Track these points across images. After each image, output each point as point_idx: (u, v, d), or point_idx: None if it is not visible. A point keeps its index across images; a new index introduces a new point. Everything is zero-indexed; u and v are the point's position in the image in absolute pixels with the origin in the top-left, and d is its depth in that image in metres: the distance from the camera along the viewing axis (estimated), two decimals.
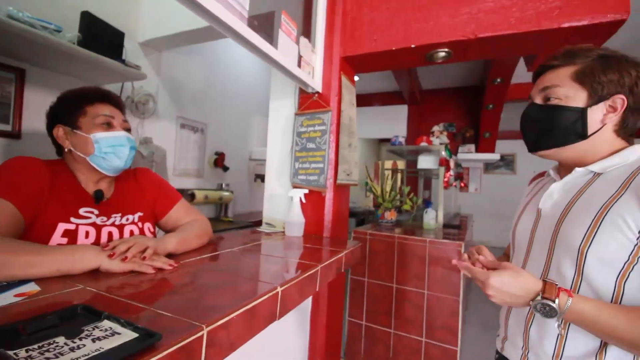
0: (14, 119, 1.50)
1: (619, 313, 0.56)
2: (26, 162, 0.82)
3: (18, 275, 0.62)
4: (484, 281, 0.65)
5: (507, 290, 0.62)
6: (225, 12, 0.83)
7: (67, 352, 0.39)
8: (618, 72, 0.68)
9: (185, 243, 0.93)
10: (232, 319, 0.54)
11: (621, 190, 0.62)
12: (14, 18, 1.24)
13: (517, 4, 1.16)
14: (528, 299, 0.61)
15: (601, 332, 0.57)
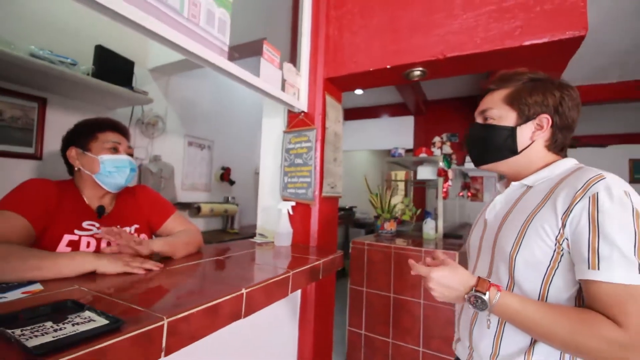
0: (37, 143, 1.69)
1: (540, 308, 0.62)
2: (37, 183, 0.97)
3: (26, 277, 0.75)
4: (426, 275, 0.72)
5: (445, 283, 0.69)
6: (204, 50, 0.96)
7: (51, 331, 0.50)
8: (542, 94, 0.75)
9: (171, 246, 1.04)
10: (192, 313, 0.64)
11: (543, 201, 0.69)
12: (35, 56, 1.43)
13: (482, 24, 1.24)
14: (463, 292, 0.68)
15: (526, 326, 0.63)
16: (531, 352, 0.67)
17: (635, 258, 0.55)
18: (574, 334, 0.57)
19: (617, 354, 0.54)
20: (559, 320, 0.59)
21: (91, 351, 0.48)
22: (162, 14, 0.84)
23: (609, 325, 0.55)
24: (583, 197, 0.61)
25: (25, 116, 1.66)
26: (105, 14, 0.73)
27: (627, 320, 0.54)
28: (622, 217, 0.57)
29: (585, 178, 0.64)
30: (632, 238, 0.56)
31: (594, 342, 0.55)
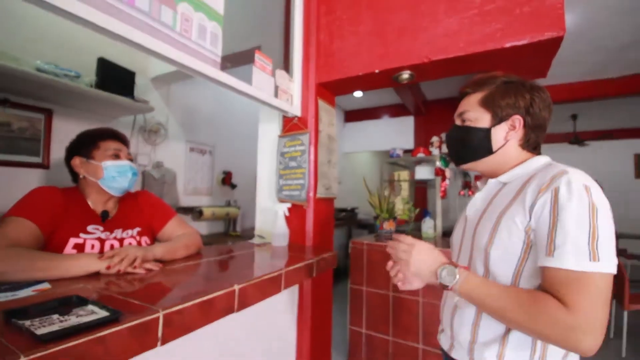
0: (44, 152, 1.77)
1: (498, 286, 0.68)
2: (45, 191, 1.04)
3: (36, 276, 0.81)
4: (413, 244, 0.79)
5: (425, 255, 0.77)
6: (197, 62, 1.02)
7: (57, 322, 0.56)
8: (514, 96, 0.80)
9: (171, 251, 1.10)
10: (187, 307, 0.70)
11: (515, 196, 0.73)
12: (41, 70, 1.50)
13: (465, 28, 1.29)
14: (435, 267, 0.74)
15: (483, 302, 0.68)
16: (506, 339, 0.72)
17: (587, 248, 0.59)
18: (524, 311, 0.62)
19: (563, 333, 0.58)
20: (512, 298, 0.64)
21: (92, 339, 0.54)
22: (156, 32, 0.91)
23: (556, 305, 0.59)
24: (547, 191, 0.66)
25: (32, 127, 1.74)
26: (105, 35, 0.79)
27: (573, 301, 0.58)
28: (578, 210, 0.61)
29: (550, 174, 0.68)
30: (587, 229, 0.60)
31: (542, 319, 0.59)
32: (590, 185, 0.64)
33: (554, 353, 0.69)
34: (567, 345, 0.58)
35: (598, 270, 0.58)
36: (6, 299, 0.69)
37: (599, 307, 0.58)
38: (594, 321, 0.57)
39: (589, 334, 0.56)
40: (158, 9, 0.92)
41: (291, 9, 1.61)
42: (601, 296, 0.58)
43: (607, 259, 0.59)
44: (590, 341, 0.56)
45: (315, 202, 1.56)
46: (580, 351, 0.58)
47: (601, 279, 0.58)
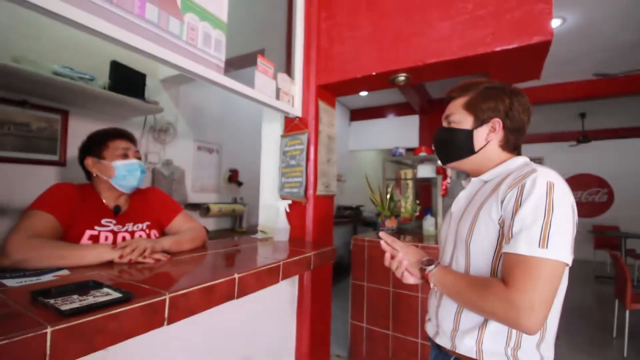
0: (60, 151, 1.88)
1: (458, 274, 0.79)
2: (63, 187, 1.13)
3: (56, 264, 0.90)
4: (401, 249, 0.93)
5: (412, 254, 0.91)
6: (202, 68, 1.10)
7: (77, 301, 0.64)
8: (494, 100, 0.86)
9: (178, 243, 1.18)
10: (191, 291, 0.78)
11: (492, 192, 0.80)
12: (57, 73, 1.60)
13: (457, 33, 1.34)
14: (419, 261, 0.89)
15: (447, 287, 0.80)
16: (484, 327, 0.78)
17: (538, 236, 0.65)
18: (476, 292, 0.71)
19: (504, 310, 0.65)
20: (469, 282, 0.75)
21: (108, 315, 0.62)
22: (164, 41, 0.98)
23: (501, 285, 0.67)
24: (515, 187, 0.72)
25: (50, 127, 1.85)
26: (118, 45, 0.87)
27: (515, 282, 0.65)
28: (536, 203, 0.68)
29: (522, 172, 0.75)
30: (541, 221, 0.66)
31: (489, 298, 0.68)
32: (554, 182, 0.70)
33: (529, 340, 0.75)
34: (509, 321, 0.65)
35: (545, 256, 0.64)
36: (31, 282, 0.78)
37: (539, 289, 0.64)
38: (531, 301, 0.63)
39: (527, 312, 0.62)
40: (166, 19, 1.00)
41: (293, 15, 1.68)
42: (544, 280, 0.64)
43: (556, 247, 0.65)
44: (529, 319, 0.62)
45: (315, 199, 1.63)
46: (520, 328, 0.65)
47: (547, 265, 0.65)
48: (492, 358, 0.75)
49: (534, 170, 0.73)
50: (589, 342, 2.88)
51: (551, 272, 0.65)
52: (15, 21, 1.67)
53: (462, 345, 0.80)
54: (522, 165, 0.82)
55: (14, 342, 0.49)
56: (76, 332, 0.57)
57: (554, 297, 0.66)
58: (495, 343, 0.76)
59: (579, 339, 2.95)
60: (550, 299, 0.65)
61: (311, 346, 1.62)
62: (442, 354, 0.87)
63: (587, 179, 6.99)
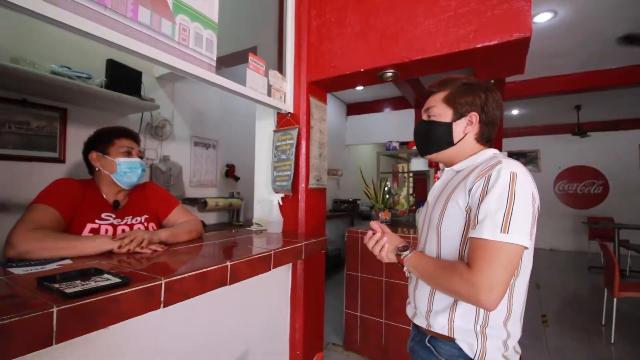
0: (60, 148, 1.93)
1: (429, 258, 0.86)
2: (65, 182, 1.19)
3: (60, 254, 0.96)
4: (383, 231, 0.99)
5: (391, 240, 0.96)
6: (194, 67, 1.15)
7: (80, 285, 0.70)
8: (472, 95, 0.91)
9: (174, 235, 1.24)
10: (185, 277, 0.84)
11: (461, 181, 0.86)
12: (56, 73, 1.65)
13: (441, 30, 1.39)
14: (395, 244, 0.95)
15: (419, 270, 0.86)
16: (454, 308, 0.84)
17: (501, 222, 0.71)
18: (443, 273, 0.79)
19: (466, 289, 0.72)
20: (437, 266, 0.82)
21: (108, 297, 0.68)
22: (157, 42, 1.03)
23: (463, 268, 0.74)
24: (483, 177, 0.78)
25: (49, 125, 1.90)
26: (112, 47, 0.92)
27: (476, 264, 0.72)
28: (500, 192, 0.74)
29: (489, 164, 0.80)
30: (504, 208, 0.72)
31: (453, 278, 0.75)
32: (517, 173, 0.76)
33: (496, 318, 0.81)
34: (470, 299, 0.73)
35: (506, 240, 0.70)
36: (37, 270, 0.84)
37: (497, 270, 0.70)
38: (490, 281, 0.70)
39: (486, 291, 0.70)
40: (158, 21, 1.05)
41: (284, 13, 1.72)
42: (502, 262, 0.71)
43: (516, 232, 0.71)
44: (487, 297, 0.70)
45: (307, 193, 1.69)
46: (480, 305, 0.72)
47: (507, 248, 0.71)
48: (463, 335, 0.82)
49: (499, 162, 0.79)
50: (579, 329, 2.96)
51: (509, 255, 0.71)
52: (12, 23, 1.71)
53: (436, 324, 0.86)
54: (490, 157, 0.88)
55: (25, 319, 0.55)
56: (79, 312, 0.63)
57: (511, 277, 0.73)
58: (465, 321, 0.82)
59: (568, 325, 3.04)
60: (507, 279, 0.72)
61: (305, 334, 1.69)
62: (420, 333, 0.94)
63: (583, 170, 7.05)
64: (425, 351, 0.90)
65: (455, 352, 0.83)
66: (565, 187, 7.20)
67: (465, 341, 0.82)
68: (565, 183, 7.20)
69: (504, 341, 0.81)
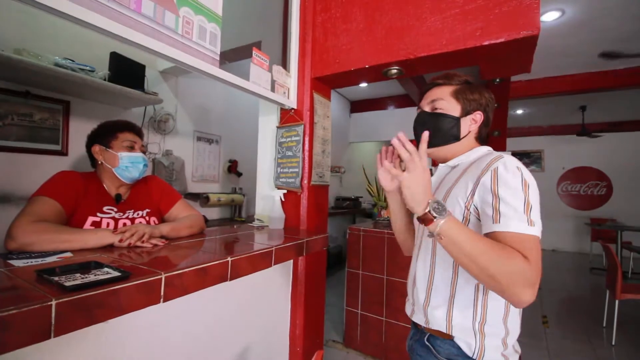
0: (62, 141, 1.93)
1: (475, 233, 0.70)
2: (67, 174, 1.18)
3: (60, 247, 0.96)
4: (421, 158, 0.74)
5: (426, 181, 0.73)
6: (197, 60, 1.14)
7: (79, 279, 0.70)
8: (479, 94, 0.91)
9: (176, 229, 1.24)
10: (185, 272, 0.83)
11: (458, 178, 0.86)
12: (59, 65, 1.64)
13: (448, 27, 1.37)
14: (428, 197, 0.72)
15: (461, 244, 0.68)
16: (452, 303, 0.84)
17: (524, 215, 0.69)
18: (495, 254, 0.65)
19: (523, 280, 0.63)
20: (488, 245, 0.67)
21: (107, 291, 0.67)
22: (160, 35, 1.02)
23: (521, 256, 0.65)
24: (487, 172, 0.77)
25: (52, 118, 1.90)
26: (115, 39, 0.91)
27: (530, 256, 0.65)
28: (514, 184, 0.72)
29: (489, 158, 0.80)
30: (522, 200, 0.71)
31: (510, 266, 0.64)
32: (521, 166, 0.77)
33: (494, 315, 0.80)
34: (515, 291, 0.64)
35: (534, 233, 0.69)
36: (37, 263, 0.84)
37: (540, 265, 0.67)
38: (538, 276, 0.65)
39: (534, 286, 0.64)
40: (162, 14, 1.04)
41: (289, 7, 1.70)
42: (539, 254, 0.68)
43: (538, 225, 0.71)
44: (532, 294, 0.64)
45: (310, 189, 1.68)
46: (521, 301, 0.64)
47: (536, 241, 0.69)
48: (461, 332, 0.82)
49: (500, 156, 0.79)
50: (580, 331, 2.95)
51: (539, 247, 0.69)
52: (15, 14, 1.70)
53: (434, 319, 0.86)
54: (486, 153, 0.88)
55: (23, 311, 0.55)
56: (78, 305, 0.63)
57: None
58: (463, 318, 0.82)
59: (569, 327, 3.02)
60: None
61: (305, 330, 1.69)
62: (419, 332, 0.93)
63: (587, 171, 7.01)
64: (424, 350, 0.89)
65: (454, 351, 0.83)
66: (568, 188, 7.15)
67: (464, 339, 0.81)
68: (569, 184, 7.16)
69: (502, 339, 0.81)
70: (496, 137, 4.34)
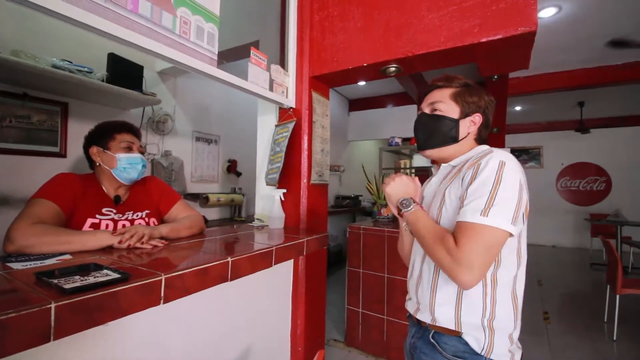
0: (61, 142, 1.92)
1: (430, 221, 0.86)
2: (66, 177, 1.18)
3: (59, 249, 0.96)
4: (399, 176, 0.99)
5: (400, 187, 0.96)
6: (195, 61, 1.13)
7: (79, 281, 0.70)
8: (478, 96, 0.93)
9: (175, 230, 1.24)
10: (185, 273, 0.83)
11: (456, 174, 0.88)
12: (57, 67, 1.64)
13: (445, 24, 1.36)
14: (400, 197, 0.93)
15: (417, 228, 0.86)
16: (460, 300, 0.84)
17: (483, 207, 0.74)
18: (437, 240, 0.79)
19: (450, 263, 0.74)
20: (433, 232, 0.82)
21: (107, 293, 0.67)
22: (157, 35, 1.02)
23: (452, 241, 0.76)
24: (473, 166, 0.81)
25: (50, 119, 1.89)
26: (112, 40, 0.91)
27: (460, 241, 0.74)
28: (485, 180, 0.76)
29: (481, 155, 0.83)
30: (487, 194, 0.75)
31: (441, 250, 0.77)
32: (506, 161, 0.78)
33: (503, 312, 0.81)
34: (451, 274, 0.75)
35: (484, 223, 0.73)
36: (35, 265, 0.83)
37: (478, 251, 0.73)
38: (470, 260, 0.72)
39: (465, 269, 0.72)
40: (159, 14, 1.03)
41: (286, 6, 1.70)
42: (484, 244, 0.73)
43: (496, 216, 0.73)
44: (465, 276, 0.73)
45: (309, 188, 1.67)
46: (457, 281, 0.75)
47: (487, 231, 0.73)
48: (470, 329, 0.82)
49: (490, 151, 0.82)
50: (581, 326, 2.95)
51: (489, 238, 0.73)
52: (13, 15, 1.70)
53: (442, 317, 0.86)
54: (483, 150, 0.89)
55: (22, 315, 0.55)
56: (78, 308, 0.62)
57: (492, 261, 0.76)
58: (471, 315, 0.82)
59: (570, 323, 3.03)
60: (488, 261, 0.75)
61: (306, 330, 1.69)
62: (422, 329, 0.93)
63: (586, 167, 7.01)
64: (429, 347, 0.89)
65: (461, 347, 0.83)
66: (567, 184, 7.16)
67: (472, 335, 0.82)
68: (568, 180, 7.16)
69: (509, 335, 0.82)
70: (495, 134, 4.34)
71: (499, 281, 0.81)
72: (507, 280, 0.82)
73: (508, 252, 0.81)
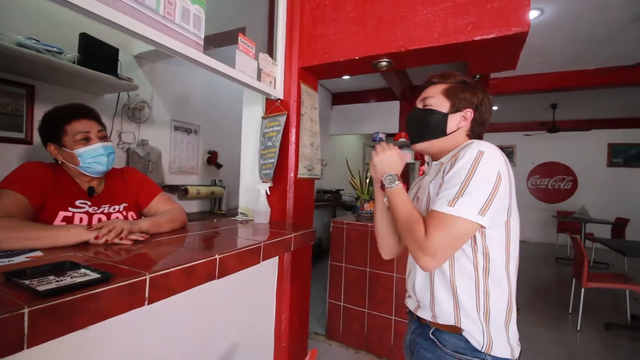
0: (26, 128, 1.78)
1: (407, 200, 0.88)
2: (34, 165, 1.08)
3: (29, 245, 0.87)
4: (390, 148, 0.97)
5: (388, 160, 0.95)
6: (179, 44, 1.06)
7: (54, 282, 0.63)
8: (470, 93, 0.93)
9: (156, 225, 1.17)
10: (171, 272, 0.78)
11: (439, 170, 0.90)
12: (22, 45, 1.50)
13: (440, 20, 1.35)
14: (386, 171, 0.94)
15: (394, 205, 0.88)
16: (455, 296, 0.84)
17: (453, 197, 0.76)
18: (405, 223, 0.83)
19: (416, 248, 0.78)
20: (407, 213, 0.84)
21: (86, 295, 0.61)
22: (139, 14, 0.94)
23: (422, 228, 0.78)
24: (454, 158, 0.83)
25: (14, 102, 1.74)
26: (89, 17, 0.83)
27: (428, 229, 0.77)
28: (460, 170, 0.78)
29: (463, 147, 0.85)
30: (459, 185, 0.77)
31: (410, 234, 0.80)
32: (485, 151, 0.79)
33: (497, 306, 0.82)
34: (415, 256, 0.79)
35: (450, 212, 0.75)
36: (3, 264, 0.75)
37: (443, 241, 0.76)
38: (434, 249, 0.75)
39: (429, 257, 0.76)
40: None
41: None
42: (448, 233, 0.76)
43: (464, 206, 0.75)
44: (427, 262, 0.77)
45: (296, 182, 1.64)
46: (419, 264, 0.79)
47: (452, 220, 0.75)
48: (469, 325, 0.83)
49: (472, 142, 0.84)
50: (547, 317, 3.11)
51: (455, 227, 0.76)
52: None
53: (442, 314, 0.87)
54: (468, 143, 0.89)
55: None
56: (54, 313, 0.57)
57: (458, 248, 0.80)
58: (469, 310, 0.83)
59: (537, 314, 3.18)
60: (453, 250, 0.79)
61: (290, 325, 1.66)
62: (422, 326, 0.93)
63: (554, 166, 7.36)
64: (428, 343, 0.90)
65: (462, 344, 0.83)
66: (537, 182, 7.50)
67: (472, 332, 0.82)
68: (538, 178, 7.50)
69: (506, 327, 0.83)
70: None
71: (490, 273, 0.82)
72: (499, 272, 0.83)
73: (495, 244, 0.82)
